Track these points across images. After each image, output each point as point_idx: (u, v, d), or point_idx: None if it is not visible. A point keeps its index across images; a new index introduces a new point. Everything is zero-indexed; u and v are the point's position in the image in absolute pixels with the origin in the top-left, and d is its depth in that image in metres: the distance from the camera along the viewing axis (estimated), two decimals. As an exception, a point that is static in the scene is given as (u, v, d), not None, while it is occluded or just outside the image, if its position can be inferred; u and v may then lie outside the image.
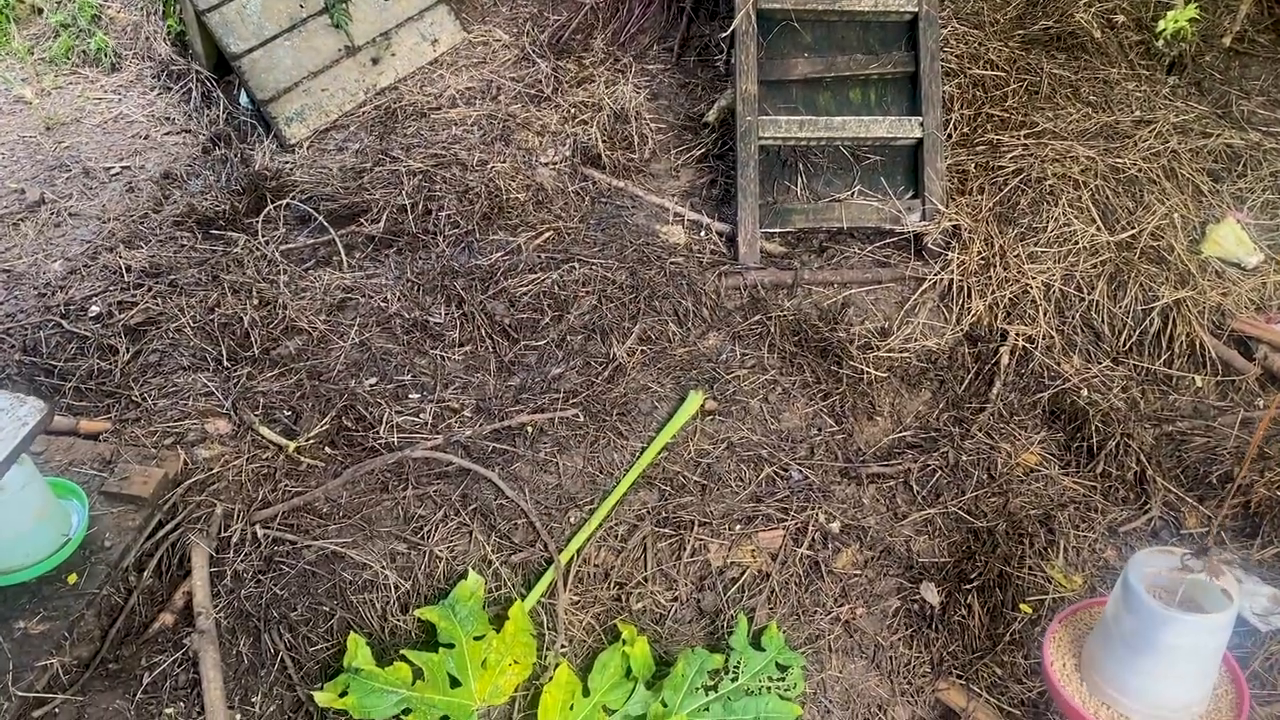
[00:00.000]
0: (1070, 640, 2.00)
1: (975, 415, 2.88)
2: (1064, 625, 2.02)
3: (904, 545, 2.58)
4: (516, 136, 3.70)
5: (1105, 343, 3.04)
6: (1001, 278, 3.13)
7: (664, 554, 2.52)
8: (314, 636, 2.32)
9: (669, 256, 3.25)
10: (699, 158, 3.69)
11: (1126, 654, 1.79)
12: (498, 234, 3.28)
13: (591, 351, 2.97)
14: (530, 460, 2.69)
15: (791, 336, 3.07)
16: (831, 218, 3.37)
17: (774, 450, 2.77)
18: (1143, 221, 3.19)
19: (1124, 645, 1.80)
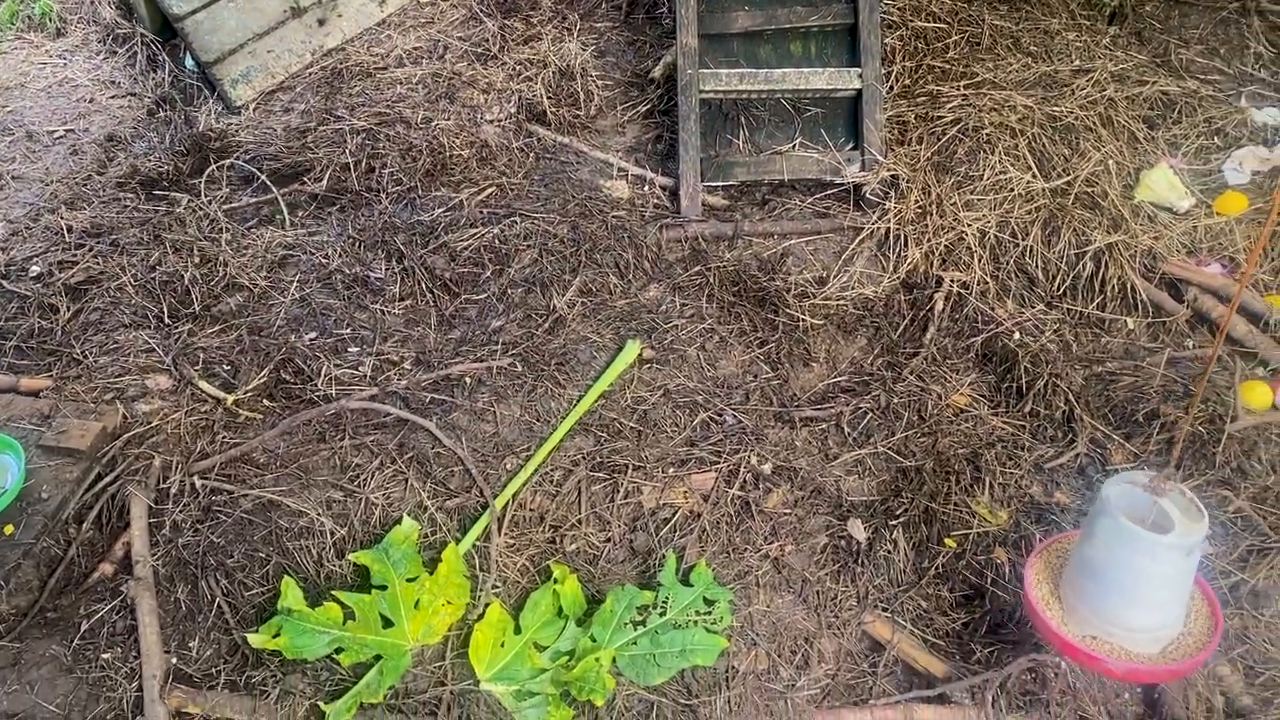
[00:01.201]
0: (1048, 569, 2.06)
1: (909, 359, 2.92)
2: (1042, 555, 2.08)
3: (834, 485, 2.63)
4: (462, 94, 3.71)
5: (1039, 287, 3.09)
6: (938, 225, 3.17)
7: (598, 497, 2.56)
8: (250, 582, 2.36)
9: (611, 210, 3.28)
10: (645, 114, 3.71)
11: (1102, 578, 1.85)
12: (440, 190, 3.30)
13: (532, 304, 3.00)
14: (468, 410, 2.73)
15: (731, 287, 3.11)
16: (773, 170, 3.40)
17: (710, 396, 2.82)
18: (1078, 168, 3.23)
19: (1099, 569, 1.86)
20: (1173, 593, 1.87)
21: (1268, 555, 2.40)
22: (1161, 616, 1.89)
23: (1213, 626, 1.94)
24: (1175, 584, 1.86)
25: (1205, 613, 1.97)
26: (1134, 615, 1.89)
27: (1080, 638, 1.94)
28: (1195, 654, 1.89)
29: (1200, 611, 1.97)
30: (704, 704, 2.20)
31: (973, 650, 2.31)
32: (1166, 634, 1.91)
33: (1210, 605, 1.97)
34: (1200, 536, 1.81)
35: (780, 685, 2.26)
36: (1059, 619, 1.96)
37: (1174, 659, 1.90)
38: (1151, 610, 1.88)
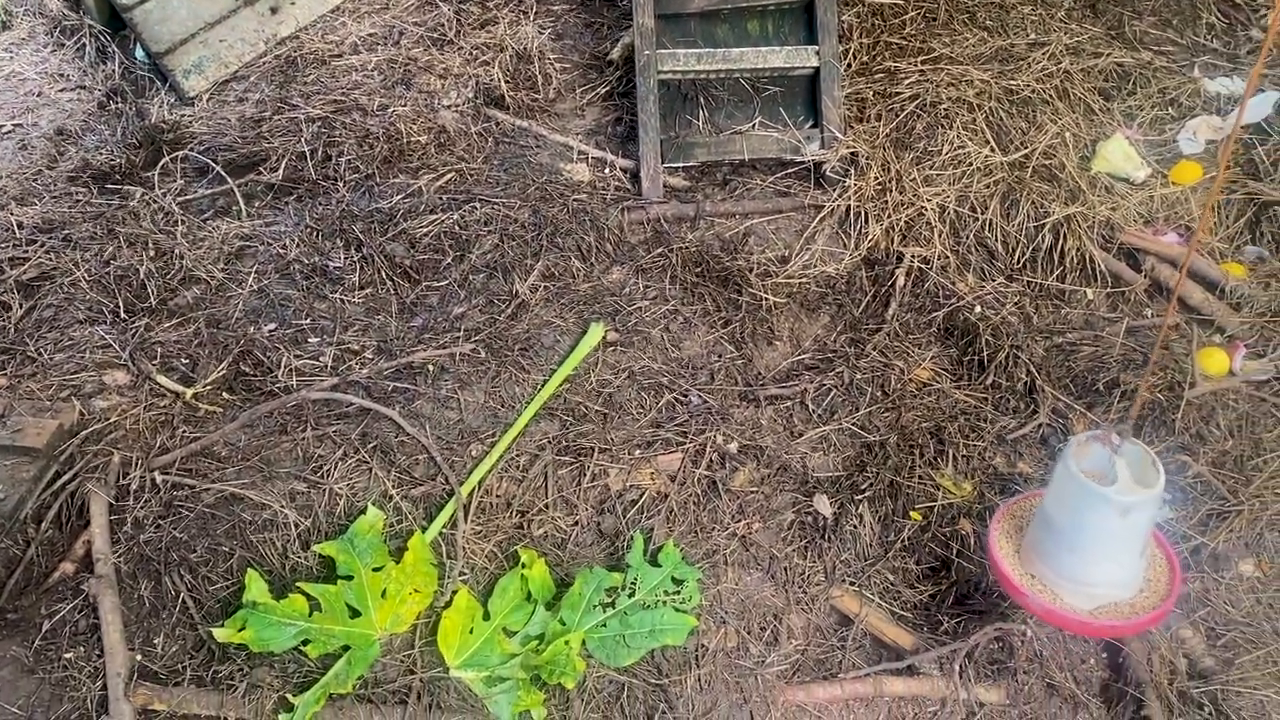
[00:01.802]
0: (1013, 528, 2.06)
1: (871, 336, 2.93)
2: (1007, 514, 2.07)
3: (799, 462, 2.63)
4: (418, 80, 3.67)
5: (999, 260, 3.10)
6: (898, 201, 3.18)
7: (565, 481, 2.56)
8: (214, 576, 2.34)
9: (572, 194, 3.26)
10: (604, 96, 3.70)
11: (1063, 535, 1.86)
12: (398, 177, 3.27)
13: (494, 290, 2.98)
14: (431, 398, 2.71)
15: (694, 267, 3.10)
16: (733, 150, 3.40)
17: (674, 377, 2.81)
18: (1035, 141, 3.25)
19: (1060, 527, 1.86)
20: (1119, 549, 1.87)
21: (1227, 519, 2.44)
22: (1110, 572, 1.89)
23: (1170, 588, 1.95)
24: (1122, 540, 1.85)
25: (1165, 574, 1.98)
26: (1082, 569, 1.89)
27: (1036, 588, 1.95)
28: (1150, 612, 1.90)
29: (1160, 573, 1.99)
30: (674, 683, 2.20)
31: (940, 621, 2.33)
32: (1117, 592, 1.91)
33: (1170, 567, 1.99)
34: (1147, 497, 1.79)
35: (750, 662, 2.27)
36: (1023, 578, 1.97)
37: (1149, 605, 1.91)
38: (1099, 565, 1.88)
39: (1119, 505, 1.78)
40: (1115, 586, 1.91)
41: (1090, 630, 1.96)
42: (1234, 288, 2.94)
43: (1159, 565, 1.99)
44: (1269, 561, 2.41)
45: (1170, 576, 1.97)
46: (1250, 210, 3.13)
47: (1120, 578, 1.91)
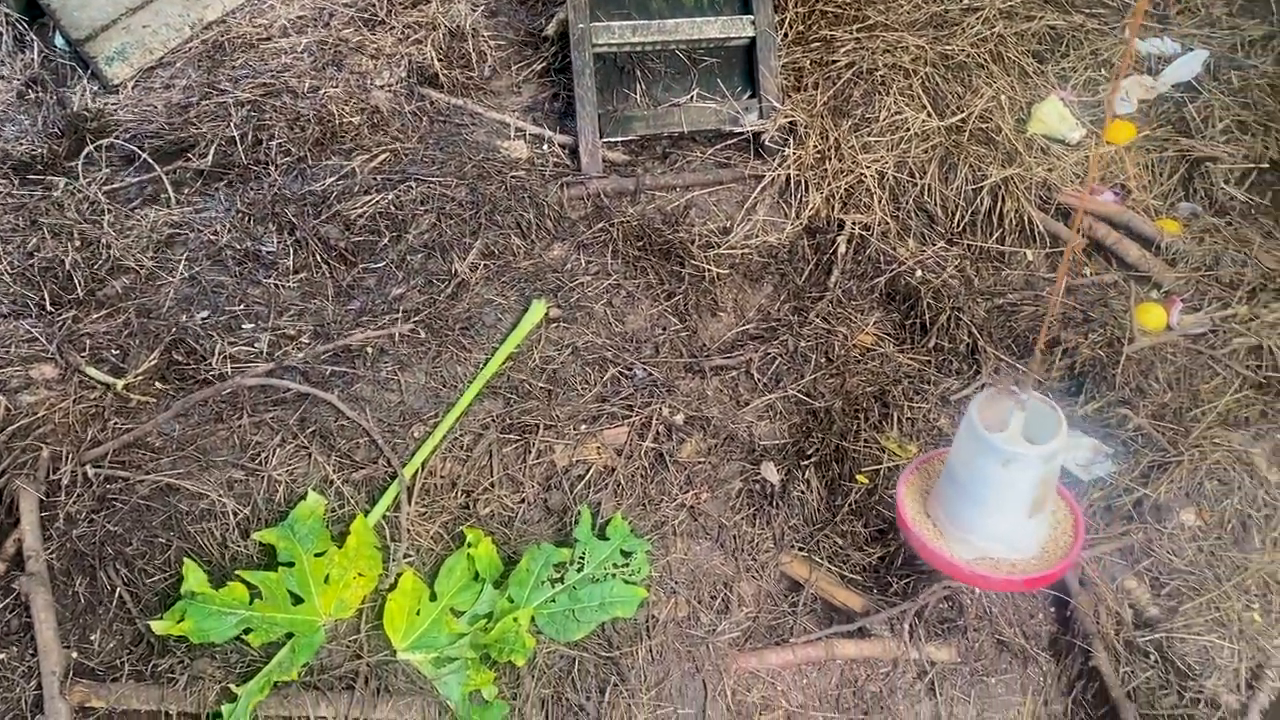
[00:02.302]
0: (921, 486, 2.05)
1: (815, 303, 2.93)
2: (916, 472, 2.06)
3: (746, 431, 2.62)
4: (349, 61, 3.60)
5: (939, 224, 3.11)
6: (837, 169, 3.17)
7: (510, 459, 2.52)
8: (151, 569, 2.28)
9: (510, 171, 3.22)
10: (540, 72, 3.65)
11: (967, 490, 1.84)
12: (331, 159, 3.20)
13: (433, 269, 2.93)
14: (371, 380, 2.66)
15: (635, 241, 3.08)
16: (672, 122, 3.37)
17: (619, 351, 2.79)
18: (971, 105, 3.25)
19: (964, 481, 1.84)
20: (1001, 500, 1.83)
21: (1168, 469, 2.46)
22: (991, 524, 1.86)
23: (1074, 533, 1.93)
24: (1003, 491, 1.81)
25: (1065, 544, 1.93)
26: (967, 515, 1.87)
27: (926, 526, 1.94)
28: (1055, 564, 1.88)
29: (1060, 542, 1.94)
30: (625, 655, 2.19)
31: (889, 583, 2.34)
32: (998, 547, 1.89)
33: (1073, 513, 1.97)
34: (1028, 452, 1.76)
35: (701, 631, 2.25)
36: (931, 534, 1.94)
37: (1033, 569, 1.88)
38: (980, 513, 1.86)
39: (999, 453, 1.76)
40: (995, 540, 1.88)
41: (961, 576, 1.92)
42: (1169, 244, 2.97)
43: (1062, 534, 1.94)
44: (1209, 510, 2.44)
45: (1069, 548, 1.92)
46: (1183, 167, 3.17)
47: (1001, 531, 1.87)
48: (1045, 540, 1.92)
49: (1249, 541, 2.40)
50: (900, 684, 2.21)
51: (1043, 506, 1.87)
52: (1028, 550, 1.90)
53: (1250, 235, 2.98)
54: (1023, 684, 2.24)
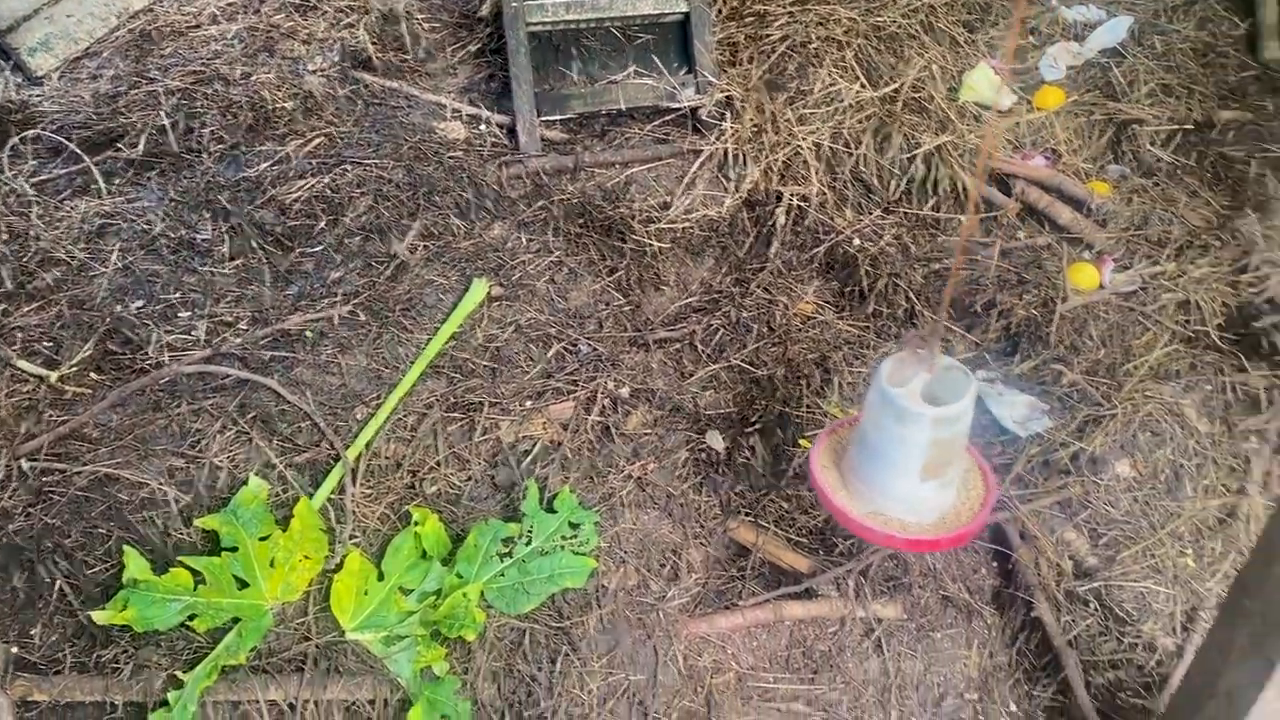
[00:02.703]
0: (835, 451, 2.05)
1: (756, 274, 2.95)
2: (830, 437, 2.06)
3: (691, 401, 2.64)
4: (281, 46, 3.55)
5: (875, 193, 3.15)
6: (774, 142, 3.19)
7: (455, 437, 2.52)
8: (92, 560, 2.24)
9: (448, 152, 3.20)
10: (475, 53, 3.62)
11: (867, 443, 1.85)
12: (265, 145, 3.16)
13: (371, 252, 2.91)
14: (312, 364, 2.64)
15: (576, 218, 3.08)
16: (609, 100, 3.37)
17: (563, 328, 2.79)
18: (904, 75, 3.29)
19: (867, 435, 1.85)
20: (895, 457, 1.81)
21: (1102, 423, 2.52)
22: (885, 480, 1.86)
23: (985, 494, 1.92)
24: (897, 448, 1.80)
25: (976, 503, 1.92)
26: (866, 468, 1.87)
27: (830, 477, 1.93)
28: (942, 533, 1.86)
29: (973, 501, 1.93)
30: (576, 625, 2.19)
31: (835, 544, 2.37)
32: (892, 504, 1.87)
33: (984, 474, 1.96)
34: (922, 413, 1.74)
35: (651, 598, 2.27)
36: (845, 499, 1.92)
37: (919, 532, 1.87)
38: (876, 467, 1.85)
39: (894, 408, 1.75)
40: (890, 498, 1.86)
41: (849, 524, 1.90)
42: (1099, 205, 3.03)
43: (967, 509, 1.90)
44: (1143, 461, 2.50)
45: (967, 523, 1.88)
46: (1111, 130, 3.23)
47: (896, 490, 1.85)
48: (948, 509, 1.88)
49: (1181, 490, 2.47)
50: (848, 642, 2.25)
51: (940, 473, 1.82)
52: (923, 514, 1.86)
53: (1176, 195, 3.05)
54: (968, 637, 2.28)
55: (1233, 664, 1.61)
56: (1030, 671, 2.22)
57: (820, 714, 2.14)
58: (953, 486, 1.87)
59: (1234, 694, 1.62)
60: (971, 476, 1.92)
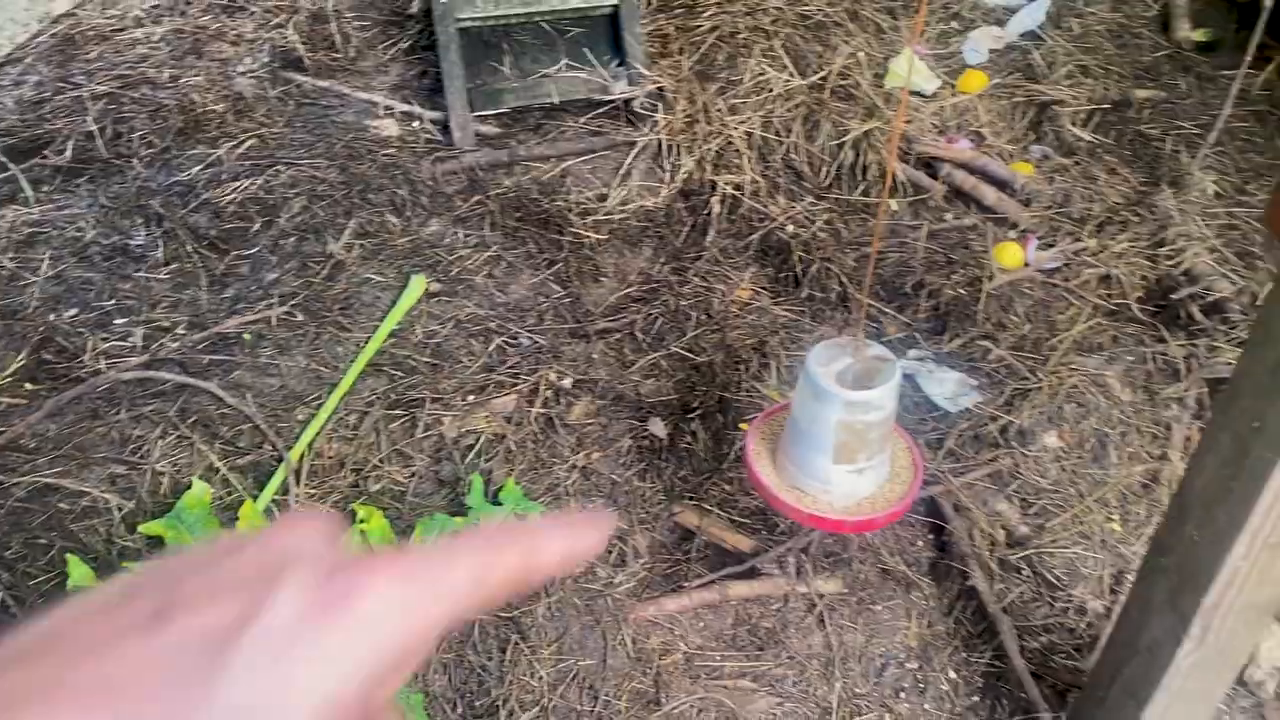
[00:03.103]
0: (769, 436, 2.10)
1: (693, 263, 3.00)
2: (764, 422, 2.11)
3: (633, 390, 2.68)
4: (209, 48, 3.53)
5: (806, 180, 3.21)
6: (707, 132, 3.24)
7: (398, 434, 2.53)
8: (34, 570, 2.23)
9: (382, 150, 3.20)
10: (406, 50, 3.63)
11: (800, 430, 1.89)
12: (196, 148, 3.14)
13: (307, 252, 2.91)
14: (251, 366, 2.64)
15: (513, 213, 3.10)
16: (542, 94, 3.39)
17: (503, 322, 2.81)
18: (831, 63, 3.35)
19: (798, 422, 1.89)
20: (812, 431, 1.84)
21: (1029, 396, 2.60)
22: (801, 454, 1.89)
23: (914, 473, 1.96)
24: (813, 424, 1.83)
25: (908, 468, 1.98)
26: (791, 444, 1.91)
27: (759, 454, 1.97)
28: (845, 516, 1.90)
29: (903, 467, 1.98)
30: (525, 614, 2.23)
31: (776, 523, 2.42)
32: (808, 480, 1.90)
33: (912, 453, 2.00)
34: (835, 393, 1.77)
35: (599, 584, 2.31)
36: (778, 484, 1.95)
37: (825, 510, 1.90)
38: (797, 442, 1.88)
39: (812, 385, 1.78)
40: (809, 474, 1.89)
41: (764, 492, 1.95)
42: (1023, 185, 3.12)
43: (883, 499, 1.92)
44: (1069, 431, 2.59)
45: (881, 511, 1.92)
46: (1032, 111, 3.32)
47: (812, 466, 1.88)
48: (865, 494, 1.91)
49: (1107, 458, 2.56)
50: (792, 618, 2.30)
51: (851, 458, 1.84)
52: (837, 495, 1.89)
53: (1096, 172, 3.15)
54: (907, 608, 2.34)
55: (1151, 621, 1.69)
56: (967, 639, 2.29)
57: (766, 689, 2.20)
58: (870, 474, 1.90)
59: (1154, 649, 1.70)
60: (903, 469, 1.98)
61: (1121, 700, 1.83)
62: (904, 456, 2.00)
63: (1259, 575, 1.54)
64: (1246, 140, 3.36)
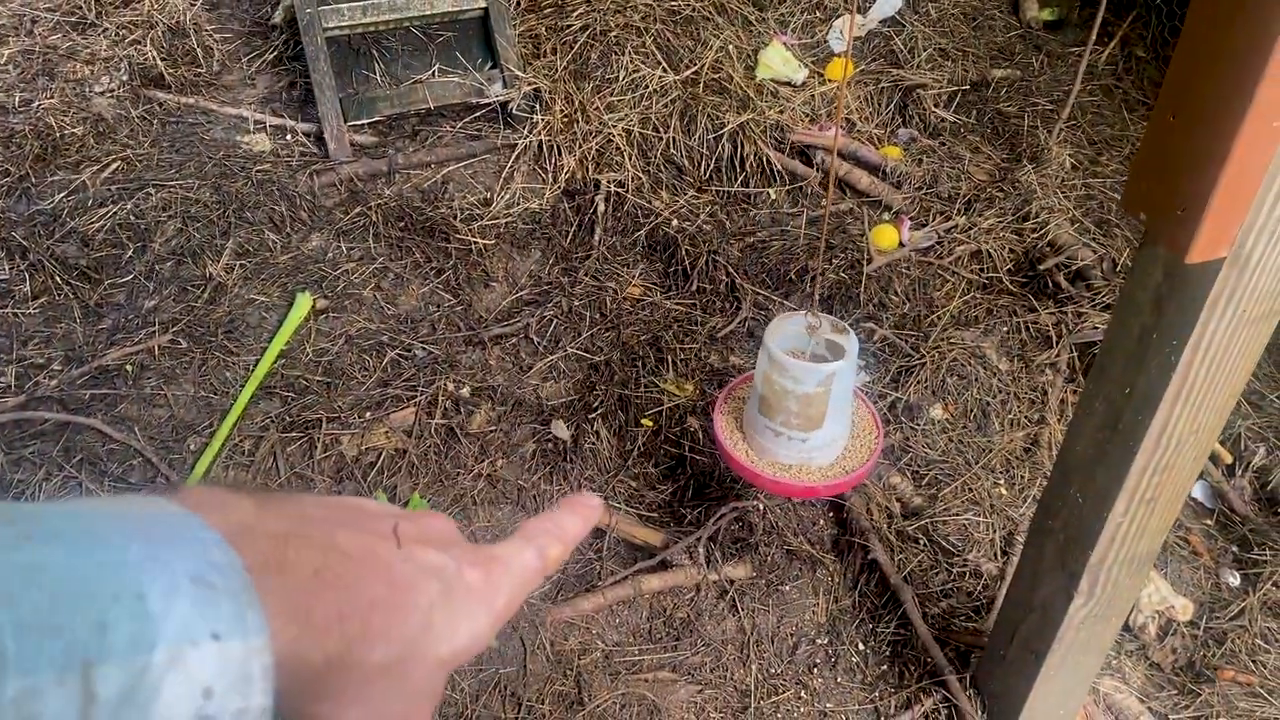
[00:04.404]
0: (733, 410, 2.15)
1: (582, 262, 3.02)
2: (728, 398, 2.16)
3: (532, 393, 2.69)
4: (63, 69, 3.37)
5: (687, 174, 3.26)
6: (586, 131, 3.26)
7: (295, 457, 2.49)
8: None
9: (255, 166, 3.13)
10: (273, 61, 3.54)
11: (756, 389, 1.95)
12: (57, 174, 3.01)
13: (185, 276, 2.83)
14: (136, 398, 2.55)
15: (396, 222, 3.07)
16: (416, 100, 3.36)
17: (395, 334, 2.79)
18: (703, 57, 3.41)
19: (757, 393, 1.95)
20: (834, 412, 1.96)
21: (914, 372, 2.71)
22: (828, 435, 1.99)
23: (876, 434, 2.09)
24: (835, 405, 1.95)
25: (870, 433, 2.11)
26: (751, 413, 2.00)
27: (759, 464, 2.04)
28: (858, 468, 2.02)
29: (866, 433, 2.12)
30: (441, 628, 2.22)
31: (684, 515, 2.47)
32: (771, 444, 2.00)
33: (872, 416, 2.13)
34: (849, 362, 1.90)
35: (513, 592, 2.31)
36: (748, 456, 2.05)
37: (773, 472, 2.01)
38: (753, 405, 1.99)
39: (766, 351, 1.90)
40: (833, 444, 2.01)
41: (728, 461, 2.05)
42: (893, 168, 3.23)
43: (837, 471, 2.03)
44: (953, 403, 2.70)
45: (874, 425, 2.10)
46: (897, 96, 3.44)
47: (835, 435, 2.00)
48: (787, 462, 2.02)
49: (990, 425, 2.68)
50: (705, 606, 2.35)
51: (771, 414, 1.95)
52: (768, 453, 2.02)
53: (961, 152, 3.29)
54: (814, 586, 2.42)
55: (1043, 579, 1.79)
56: (873, 610, 2.38)
57: (686, 678, 2.24)
58: (792, 444, 1.99)
59: (1047, 606, 1.80)
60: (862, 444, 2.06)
61: (1021, 656, 1.93)
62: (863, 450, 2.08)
63: (1139, 529, 1.65)
64: (1096, 114, 3.55)
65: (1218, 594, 2.44)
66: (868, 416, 2.15)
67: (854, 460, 2.06)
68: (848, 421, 2.05)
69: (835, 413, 1.99)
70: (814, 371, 1.91)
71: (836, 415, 2.00)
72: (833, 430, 2.02)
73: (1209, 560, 2.50)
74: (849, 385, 1.99)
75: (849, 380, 1.97)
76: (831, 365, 1.92)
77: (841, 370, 1.92)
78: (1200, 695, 2.23)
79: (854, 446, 2.09)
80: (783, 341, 1.99)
